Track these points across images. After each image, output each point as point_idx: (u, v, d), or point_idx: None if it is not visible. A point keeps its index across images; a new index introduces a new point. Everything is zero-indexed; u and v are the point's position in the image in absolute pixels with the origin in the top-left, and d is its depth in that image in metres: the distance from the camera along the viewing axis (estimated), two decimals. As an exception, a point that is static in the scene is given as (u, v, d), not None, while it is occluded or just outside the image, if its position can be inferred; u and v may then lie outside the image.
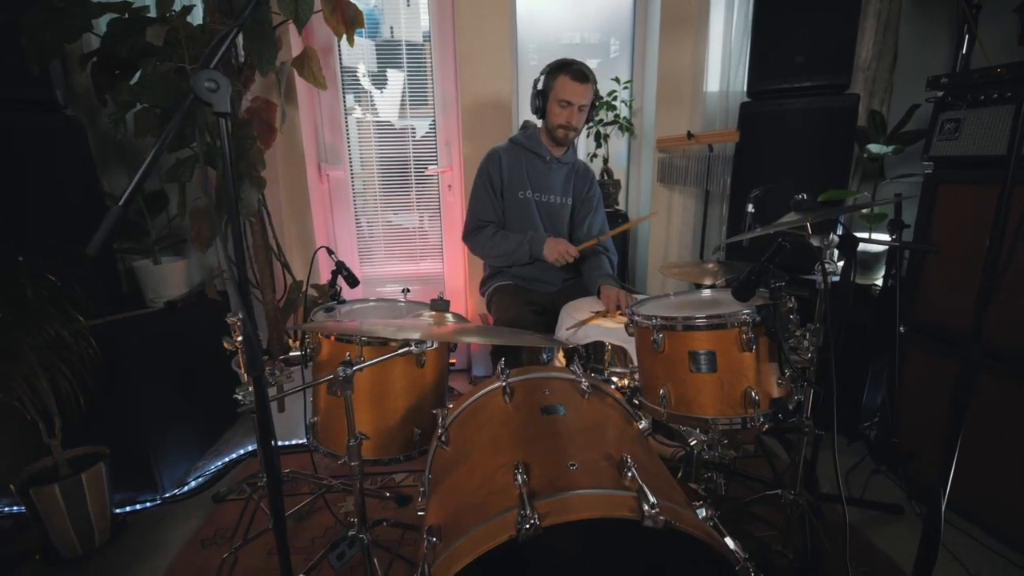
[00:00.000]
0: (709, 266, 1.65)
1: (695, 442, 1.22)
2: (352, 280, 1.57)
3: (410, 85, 2.57)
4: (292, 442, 2.08)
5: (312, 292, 2.20)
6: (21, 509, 1.53)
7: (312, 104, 2.48)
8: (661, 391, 1.24)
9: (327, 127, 2.54)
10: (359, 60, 2.51)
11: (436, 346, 1.26)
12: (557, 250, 1.86)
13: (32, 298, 1.39)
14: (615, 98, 2.61)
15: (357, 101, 2.56)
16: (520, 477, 0.77)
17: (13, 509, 1.67)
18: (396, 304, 1.57)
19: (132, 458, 1.72)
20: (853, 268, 1.58)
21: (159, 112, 1.68)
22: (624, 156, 2.82)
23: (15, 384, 1.38)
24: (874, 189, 2.30)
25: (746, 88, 2.26)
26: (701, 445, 1.21)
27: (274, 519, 0.90)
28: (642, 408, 1.32)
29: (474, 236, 1.98)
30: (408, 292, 1.56)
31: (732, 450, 1.24)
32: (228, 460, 2.00)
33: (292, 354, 1.34)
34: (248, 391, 1.32)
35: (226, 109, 0.72)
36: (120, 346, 1.66)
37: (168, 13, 1.67)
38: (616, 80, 2.63)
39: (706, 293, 1.50)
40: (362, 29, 1.91)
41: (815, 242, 1.22)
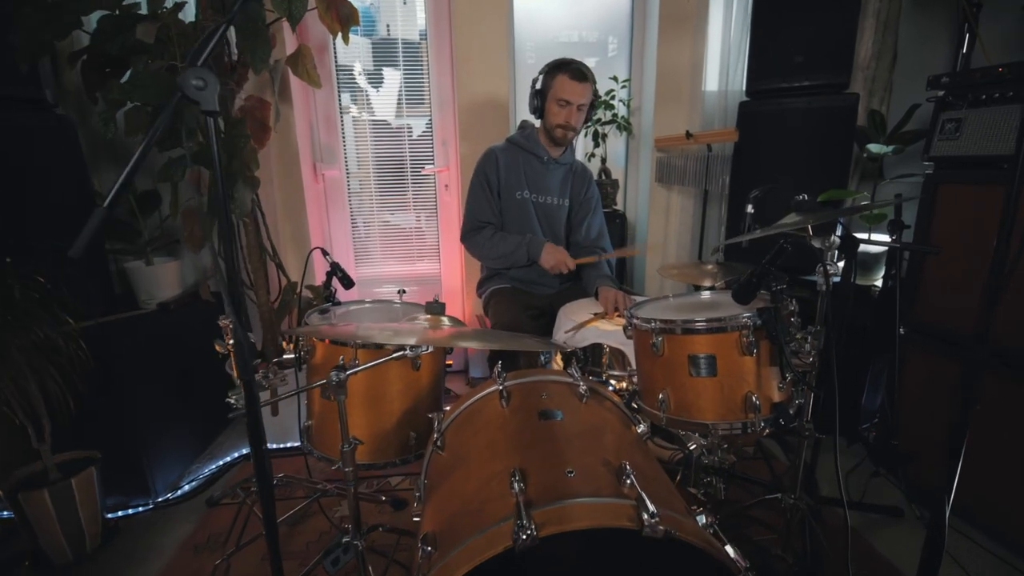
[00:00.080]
0: (708, 267, 1.63)
1: (694, 446, 1.20)
2: (347, 281, 1.55)
3: (406, 84, 2.55)
4: (287, 445, 2.06)
5: (307, 293, 2.18)
6: (10, 515, 1.51)
7: (307, 103, 2.45)
8: (660, 395, 1.22)
9: (322, 126, 2.52)
10: (355, 58, 2.48)
11: (432, 349, 1.25)
12: (555, 257, 1.83)
13: (20, 300, 1.36)
14: (613, 97, 2.59)
15: (353, 100, 2.54)
16: (517, 485, 0.76)
17: (3, 515, 1.64)
18: (392, 305, 1.55)
19: (125, 462, 1.70)
20: (854, 269, 1.57)
21: (150, 111, 1.66)
22: (622, 156, 2.80)
23: (2, 388, 1.35)
24: (873, 189, 2.29)
25: (745, 87, 2.25)
26: (700, 449, 1.20)
27: (266, 527, 0.88)
28: (641, 412, 1.30)
29: (472, 237, 1.96)
30: (404, 293, 1.54)
31: (732, 455, 1.22)
32: (222, 463, 1.98)
33: (286, 357, 1.32)
34: (241, 394, 1.29)
35: (214, 108, 0.70)
36: (112, 348, 1.64)
37: (159, 10, 1.64)
38: (614, 79, 2.61)
39: (705, 295, 1.49)
40: (357, 27, 1.89)
41: (816, 243, 1.20)
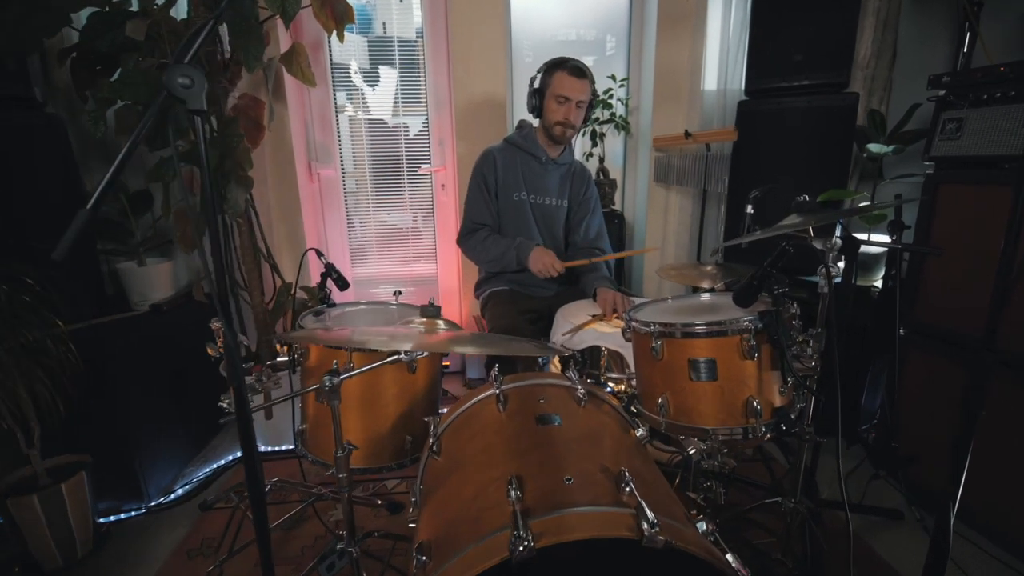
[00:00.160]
0: (707, 268, 1.61)
1: (693, 451, 1.18)
2: (342, 283, 1.53)
3: (403, 82, 2.52)
4: (281, 448, 2.04)
5: (301, 294, 2.16)
6: (-1, 520, 1.49)
7: (302, 101, 2.43)
8: (660, 400, 1.21)
9: (317, 125, 2.49)
10: (350, 57, 2.46)
11: (428, 353, 1.23)
12: (543, 261, 1.77)
13: (7, 302, 1.34)
14: (611, 96, 2.57)
15: (348, 99, 2.51)
16: (514, 493, 0.74)
17: (-8, 520, 1.62)
18: (387, 307, 1.53)
19: (117, 465, 1.67)
20: (854, 270, 1.55)
21: (141, 109, 1.63)
22: (620, 155, 2.79)
23: (-10, 391, 1.33)
24: (873, 189, 2.28)
25: (744, 86, 2.24)
26: (700, 454, 1.18)
27: (258, 534, 0.86)
28: (640, 416, 1.28)
29: (467, 240, 1.93)
30: (400, 295, 1.52)
31: (732, 459, 1.20)
32: (216, 467, 1.96)
33: (280, 359, 1.30)
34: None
35: (201, 106, 0.68)
36: (104, 350, 1.62)
37: (150, 7, 1.62)
38: (612, 78, 2.59)
39: (705, 297, 1.47)
40: (353, 25, 1.87)
41: (818, 245, 1.19)
